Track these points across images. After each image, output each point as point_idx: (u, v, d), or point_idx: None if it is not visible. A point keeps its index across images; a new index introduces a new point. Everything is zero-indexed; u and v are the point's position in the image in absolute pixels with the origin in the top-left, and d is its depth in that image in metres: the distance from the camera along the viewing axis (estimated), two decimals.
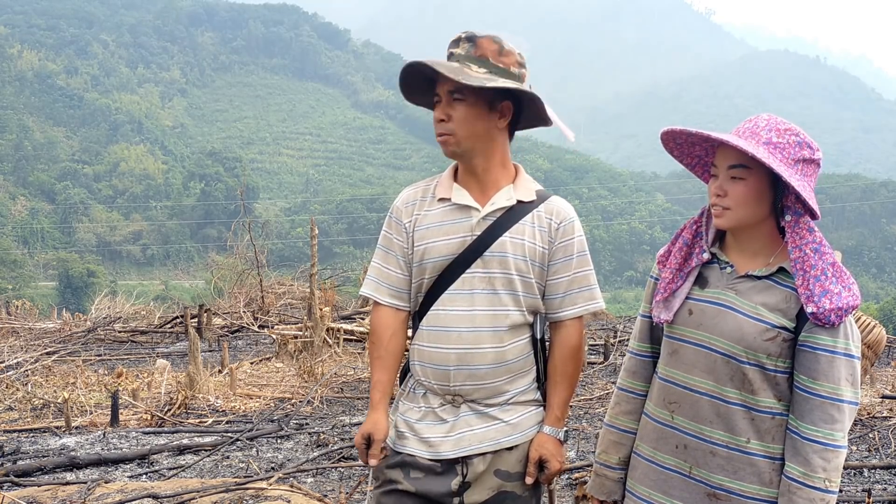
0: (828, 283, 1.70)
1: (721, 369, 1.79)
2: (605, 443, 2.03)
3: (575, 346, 2.16)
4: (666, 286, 1.89)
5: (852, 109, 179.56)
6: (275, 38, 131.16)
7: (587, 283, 2.16)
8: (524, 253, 2.08)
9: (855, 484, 4.82)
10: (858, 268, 74.36)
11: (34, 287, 45.60)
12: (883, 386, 7.76)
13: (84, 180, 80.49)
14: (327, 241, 67.25)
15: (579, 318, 2.17)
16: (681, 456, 1.85)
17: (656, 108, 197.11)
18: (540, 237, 2.10)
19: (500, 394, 2.10)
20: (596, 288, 2.19)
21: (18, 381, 7.72)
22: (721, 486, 1.80)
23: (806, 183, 1.74)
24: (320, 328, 8.80)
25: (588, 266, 2.17)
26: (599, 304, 2.21)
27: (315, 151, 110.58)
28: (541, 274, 2.12)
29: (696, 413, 1.82)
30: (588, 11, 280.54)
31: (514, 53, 2.08)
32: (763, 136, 1.76)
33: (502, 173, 2.12)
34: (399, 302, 2.18)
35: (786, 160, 1.74)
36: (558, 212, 2.13)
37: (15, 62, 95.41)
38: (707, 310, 1.82)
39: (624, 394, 2.02)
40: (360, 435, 2.11)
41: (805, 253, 1.73)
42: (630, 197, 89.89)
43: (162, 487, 4.29)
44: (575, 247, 2.14)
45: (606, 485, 2.01)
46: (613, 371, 8.67)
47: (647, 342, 1.99)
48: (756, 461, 1.77)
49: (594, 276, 2.20)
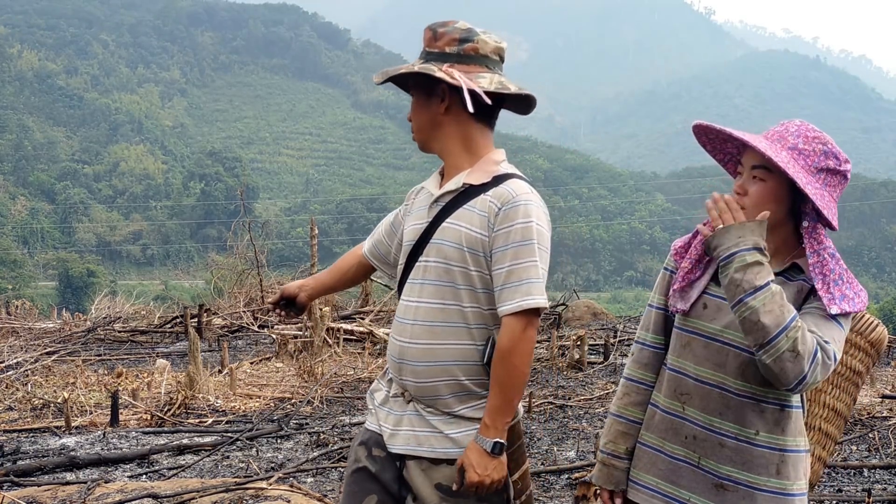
0: (845, 288, 1.78)
1: (732, 362, 1.82)
2: (613, 433, 2.02)
3: (504, 349, 1.91)
4: (685, 275, 1.91)
5: (852, 109, 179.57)
6: (275, 38, 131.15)
7: (526, 277, 1.89)
8: (459, 240, 1.95)
9: (855, 484, 4.82)
10: (858, 268, 74.32)
11: (34, 287, 45.59)
12: (883, 386, 7.77)
13: (84, 180, 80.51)
14: (327, 241, 67.17)
15: (514, 317, 1.90)
16: (690, 447, 1.87)
17: (656, 108, 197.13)
18: (480, 223, 1.94)
19: (446, 404, 1.97)
20: (536, 282, 1.90)
21: (18, 381, 7.72)
22: (729, 477, 1.82)
23: (827, 193, 1.79)
24: (320, 328, 8.80)
25: (530, 257, 1.90)
26: (534, 300, 1.89)
27: (315, 151, 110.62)
28: (485, 265, 1.94)
29: (706, 405, 1.85)
30: (588, 11, 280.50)
31: (452, 33, 1.99)
32: (790, 141, 1.81)
33: (466, 159, 2.03)
34: (371, 257, 2.31)
35: (808, 167, 1.79)
36: (503, 194, 1.93)
37: (15, 62, 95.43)
38: (722, 305, 1.84)
39: (633, 384, 2.02)
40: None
41: (824, 258, 1.78)
42: (630, 197, 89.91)
43: (162, 487, 4.29)
44: (516, 234, 1.90)
45: (614, 475, 2.01)
46: (613, 371, 8.67)
47: (661, 334, 2.00)
48: (765, 453, 1.80)
49: (539, 268, 1.91)
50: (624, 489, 2.00)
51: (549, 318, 12.87)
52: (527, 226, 1.91)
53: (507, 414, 1.93)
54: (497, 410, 1.92)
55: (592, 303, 14.60)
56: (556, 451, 5.61)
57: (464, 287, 1.96)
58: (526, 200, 1.92)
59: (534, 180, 2.09)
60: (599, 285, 73.10)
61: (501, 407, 1.92)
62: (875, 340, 2.06)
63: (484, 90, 1.93)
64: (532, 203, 1.93)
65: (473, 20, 2.07)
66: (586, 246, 79.35)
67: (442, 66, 1.96)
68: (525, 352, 1.92)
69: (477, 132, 2.03)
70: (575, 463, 5.20)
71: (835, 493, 4.66)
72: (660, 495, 1.91)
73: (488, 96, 1.94)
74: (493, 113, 2.04)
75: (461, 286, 1.96)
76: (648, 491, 1.94)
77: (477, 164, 2.01)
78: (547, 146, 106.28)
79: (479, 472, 1.91)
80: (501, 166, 2.01)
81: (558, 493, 4.65)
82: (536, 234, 1.92)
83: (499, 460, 1.93)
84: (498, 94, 1.97)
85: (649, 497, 1.94)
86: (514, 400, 1.94)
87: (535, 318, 1.93)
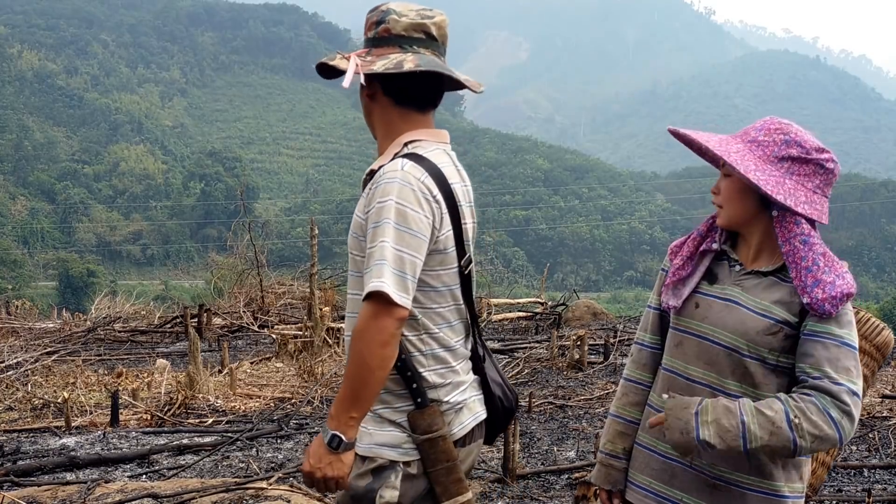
0: (819, 273, 1.72)
1: (723, 362, 1.81)
2: (612, 433, 2.03)
3: (353, 335, 1.76)
4: (675, 271, 1.92)
5: (852, 109, 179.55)
6: (275, 38, 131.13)
7: (378, 258, 1.73)
8: (353, 228, 1.89)
9: (855, 484, 4.82)
10: (858, 268, 74.29)
11: (34, 287, 45.58)
12: (883, 386, 7.77)
13: (84, 180, 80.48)
14: (327, 241, 67.12)
15: (365, 302, 1.73)
16: None
17: (656, 108, 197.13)
18: (362, 207, 1.86)
19: (377, 399, 1.83)
20: (382, 264, 1.72)
21: (18, 381, 7.71)
22: (721, 477, 1.81)
23: (793, 182, 1.76)
24: (320, 328, 8.80)
25: (383, 237, 1.74)
26: (377, 284, 1.70)
27: (315, 151, 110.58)
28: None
29: None
30: (588, 11, 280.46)
31: (371, 17, 1.96)
32: (750, 135, 1.82)
33: (387, 145, 1.96)
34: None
35: (766, 157, 1.78)
36: (378, 175, 1.83)
37: (15, 62, 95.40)
38: (713, 304, 1.85)
39: (631, 384, 2.03)
40: None
41: (794, 245, 1.75)
42: (630, 197, 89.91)
43: (162, 487, 4.29)
44: (374, 215, 1.77)
45: (612, 474, 2.02)
46: (613, 371, 8.67)
47: (658, 334, 2.01)
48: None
49: (389, 249, 1.73)
50: (622, 489, 2.00)
51: (550, 318, 12.88)
52: (383, 205, 1.76)
53: (352, 407, 1.74)
54: (341, 400, 1.75)
55: (592, 303, 14.60)
56: (556, 451, 5.61)
57: (361, 275, 1.85)
58: (389, 179, 1.78)
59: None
60: (599, 285, 73.08)
61: (346, 398, 1.75)
62: (881, 344, 2.03)
63: (373, 72, 1.85)
64: (394, 181, 1.78)
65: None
66: (586, 246, 79.34)
67: (357, 52, 1.92)
68: (371, 341, 1.71)
69: (397, 116, 1.95)
70: (575, 463, 5.20)
71: (835, 493, 4.66)
72: (653, 495, 1.92)
73: (389, 78, 1.88)
74: (414, 95, 1.93)
75: (360, 274, 1.85)
76: (642, 491, 1.94)
77: (388, 148, 1.94)
78: (547, 146, 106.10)
79: (311, 462, 1.77)
80: (406, 147, 1.91)
81: (558, 493, 4.65)
82: (395, 213, 1.75)
83: (336, 457, 1.75)
84: (393, 77, 1.88)
85: (642, 497, 1.94)
86: (362, 393, 1.73)
87: (384, 304, 1.71)
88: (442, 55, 1.96)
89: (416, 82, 1.90)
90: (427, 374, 1.87)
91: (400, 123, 1.95)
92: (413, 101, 1.94)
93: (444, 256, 1.87)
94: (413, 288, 1.76)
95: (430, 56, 1.91)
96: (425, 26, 1.92)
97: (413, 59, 1.86)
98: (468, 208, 1.99)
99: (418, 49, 1.90)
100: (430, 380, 1.87)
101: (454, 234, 1.88)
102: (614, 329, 11.56)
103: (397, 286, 1.72)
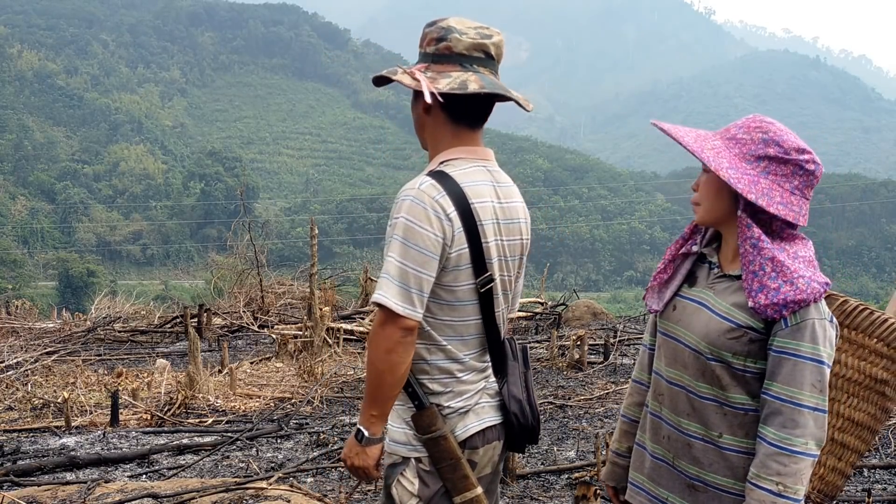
0: (765, 279, 1.69)
1: (692, 364, 1.81)
2: (619, 432, 2.09)
3: (367, 340, 1.96)
4: (657, 275, 1.93)
5: (852, 109, 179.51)
6: (275, 37, 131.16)
7: (384, 272, 1.86)
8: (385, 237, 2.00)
9: (855, 484, 4.82)
10: (858, 268, 74.39)
11: (34, 287, 45.60)
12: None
13: (84, 180, 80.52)
14: (327, 241, 67.24)
15: (376, 311, 1.88)
16: (666, 446, 1.88)
17: (656, 108, 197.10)
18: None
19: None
20: (386, 278, 1.84)
21: (18, 380, 7.71)
22: (698, 478, 1.82)
23: (769, 181, 1.72)
24: (320, 328, 8.79)
25: (390, 252, 1.86)
26: (376, 297, 1.84)
27: (315, 151, 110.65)
28: None
29: (675, 406, 1.85)
30: (588, 11, 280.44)
31: (431, 32, 1.97)
32: (731, 132, 1.80)
33: (432, 160, 2.03)
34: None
35: (743, 155, 1.75)
36: (399, 192, 1.92)
37: (15, 62, 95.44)
38: (687, 307, 1.85)
39: (636, 385, 2.08)
40: None
41: (745, 249, 1.73)
42: (630, 197, 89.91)
43: (162, 487, 4.29)
44: (390, 230, 1.90)
45: (617, 472, 2.07)
46: (613, 371, 8.67)
47: (656, 336, 2.02)
48: (728, 455, 1.78)
49: (393, 264, 1.84)
50: (625, 486, 2.03)
51: (549, 317, 12.88)
52: (395, 221, 1.87)
53: (371, 406, 1.89)
54: (364, 399, 1.92)
55: (592, 303, 14.59)
56: (556, 451, 5.61)
57: None
58: (404, 197, 1.88)
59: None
60: (599, 285, 73.11)
61: (366, 397, 1.91)
62: None
63: (439, 91, 1.88)
64: (407, 199, 1.86)
65: (473, 20, 2.05)
66: (586, 246, 79.36)
67: (417, 66, 1.95)
68: (378, 347, 1.84)
69: (449, 132, 1.99)
70: (575, 463, 5.20)
71: None
72: (644, 493, 1.94)
73: (450, 96, 1.90)
74: (470, 113, 1.98)
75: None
76: (636, 488, 1.97)
77: (430, 162, 2.01)
78: (547, 146, 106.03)
79: (345, 451, 1.96)
80: (440, 166, 1.96)
81: (558, 493, 4.65)
82: (402, 229, 1.85)
83: (361, 448, 1.92)
84: (454, 95, 1.91)
85: (636, 494, 1.97)
86: (376, 393, 1.87)
87: (388, 315, 1.83)
88: (497, 73, 2.00)
89: (474, 101, 1.95)
90: (427, 382, 1.96)
91: (450, 139, 1.99)
92: (467, 119, 1.99)
93: (457, 273, 1.92)
94: (420, 300, 1.85)
95: (490, 77, 1.95)
96: (485, 46, 1.95)
97: (476, 79, 1.91)
98: (499, 225, 2.00)
99: (478, 69, 1.94)
100: (430, 387, 1.96)
101: (471, 252, 1.92)
102: (614, 329, 11.56)
103: (400, 298, 1.83)
